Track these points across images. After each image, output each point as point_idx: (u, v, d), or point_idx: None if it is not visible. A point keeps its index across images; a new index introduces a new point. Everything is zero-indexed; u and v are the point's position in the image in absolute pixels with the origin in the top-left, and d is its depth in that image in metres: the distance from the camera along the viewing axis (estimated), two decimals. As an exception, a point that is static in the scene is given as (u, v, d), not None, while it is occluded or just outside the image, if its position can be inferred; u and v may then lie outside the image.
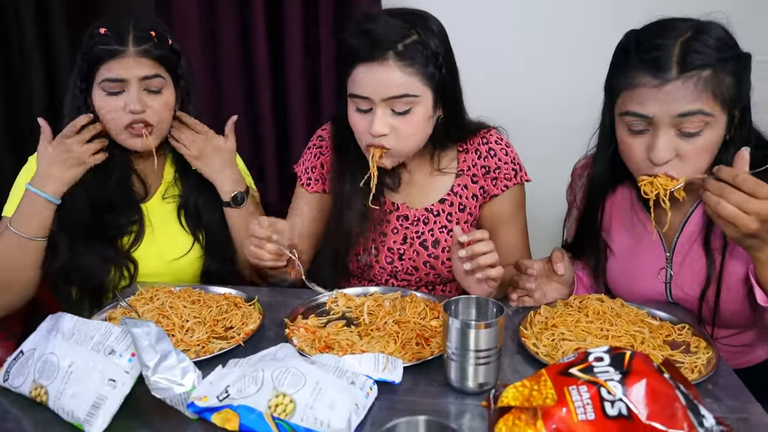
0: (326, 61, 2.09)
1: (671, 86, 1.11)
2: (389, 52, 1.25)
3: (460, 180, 1.47)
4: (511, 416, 0.85)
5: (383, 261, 1.49)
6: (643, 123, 1.15)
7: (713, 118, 1.12)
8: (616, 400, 0.82)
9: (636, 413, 0.81)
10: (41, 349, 1.00)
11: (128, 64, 1.37)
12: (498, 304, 1.04)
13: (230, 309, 1.26)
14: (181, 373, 0.94)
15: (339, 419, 0.88)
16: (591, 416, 0.82)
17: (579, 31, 2.03)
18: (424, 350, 1.12)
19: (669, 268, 1.30)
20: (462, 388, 1.01)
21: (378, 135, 1.29)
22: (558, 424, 0.82)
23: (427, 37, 1.28)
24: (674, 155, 1.15)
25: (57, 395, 0.94)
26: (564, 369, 0.88)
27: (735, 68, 1.13)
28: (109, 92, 1.39)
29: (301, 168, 1.56)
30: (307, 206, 1.54)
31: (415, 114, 1.30)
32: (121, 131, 1.41)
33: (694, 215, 1.28)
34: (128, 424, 0.94)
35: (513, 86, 2.06)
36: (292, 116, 2.14)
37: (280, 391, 0.91)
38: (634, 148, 1.18)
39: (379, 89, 1.26)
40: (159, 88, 1.41)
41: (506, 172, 1.46)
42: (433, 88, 1.30)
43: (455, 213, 1.47)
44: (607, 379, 0.84)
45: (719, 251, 1.24)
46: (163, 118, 1.43)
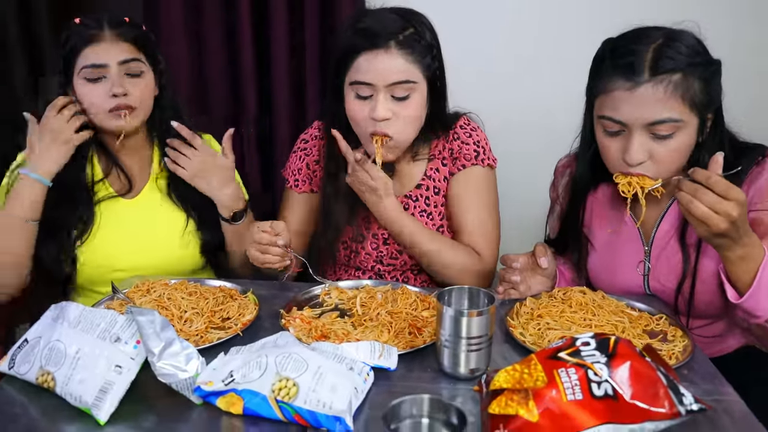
0: (311, 63, 2.12)
1: (643, 89, 1.18)
2: (391, 41, 1.34)
3: (432, 164, 1.54)
4: (504, 398, 0.90)
5: (369, 247, 1.55)
6: (618, 126, 1.22)
7: (683, 123, 1.20)
8: (602, 381, 0.88)
9: (621, 393, 0.87)
10: (47, 337, 1.03)
11: (106, 47, 1.40)
12: (489, 294, 1.10)
13: (226, 300, 1.29)
14: (185, 360, 0.98)
15: (340, 401, 0.92)
16: (579, 396, 0.87)
17: (566, 32, 2.08)
18: (417, 339, 1.17)
19: (647, 261, 1.37)
20: (454, 373, 1.06)
21: (381, 119, 1.36)
22: (548, 404, 0.87)
23: (423, 31, 1.38)
24: (647, 157, 1.22)
25: (65, 381, 0.97)
26: (553, 353, 0.93)
27: (704, 73, 1.20)
28: (90, 79, 1.41)
29: (288, 171, 1.63)
30: (297, 206, 1.61)
31: (413, 100, 1.38)
32: (104, 115, 1.43)
33: (670, 211, 1.35)
34: (134, 409, 0.97)
35: (499, 86, 2.11)
36: (277, 117, 2.17)
37: (284, 376, 0.95)
38: (610, 150, 1.26)
39: (383, 75, 1.34)
40: (139, 72, 1.44)
41: (466, 152, 1.51)
42: (428, 78, 1.40)
43: (431, 196, 1.54)
44: (593, 362, 0.89)
45: (694, 246, 1.31)
46: (144, 102, 1.46)
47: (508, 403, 0.89)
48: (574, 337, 0.96)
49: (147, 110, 1.49)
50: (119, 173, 1.54)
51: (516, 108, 2.01)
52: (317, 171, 1.58)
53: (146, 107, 1.48)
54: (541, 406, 0.87)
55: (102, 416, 0.93)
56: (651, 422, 0.87)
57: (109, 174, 1.54)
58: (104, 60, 1.40)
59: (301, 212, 1.61)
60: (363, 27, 1.37)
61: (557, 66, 2.09)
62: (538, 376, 0.90)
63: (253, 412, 0.94)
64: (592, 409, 0.87)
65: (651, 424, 0.87)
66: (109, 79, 1.41)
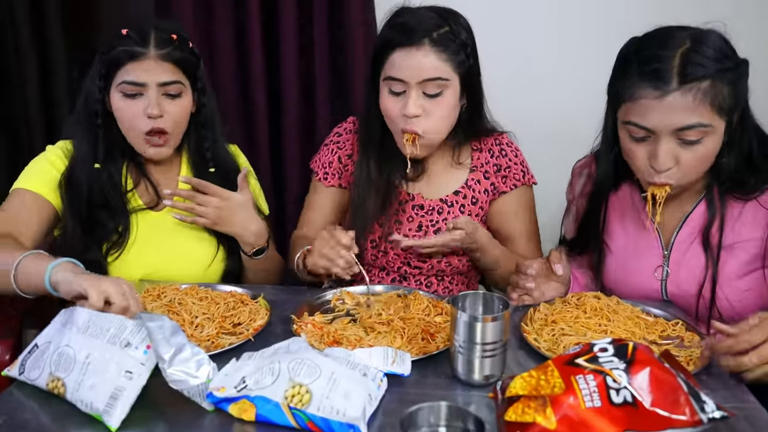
0: (320, 62, 2.12)
1: (671, 98, 1.16)
2: (425, 38, 1.35)
3: (473, 175, 1.56)
4: (520, 405, 0.88)
5: (398, 248, 1.53)
6: (645, 132, 1.20)
7: (712, 128, 1.18)
8: (621, 388, 0.86)
9: (640, 400, 0.85)
10: (56, 342, 1.02)
11: (148, 66, 1.37)
12: (503, 300, 1.08)
13: (237, 306, 1.28)
14: (196, 366, 0.97)
15: (354, 408, 0.91)
16: (597, 404, 0.85)
17: (584, 38, 2.09)
18: (430, 345, 1.15)
19: (666, 266, 1.35)
20: (468, 380, 1.05)
21: (412, 116, 1.37)
22: (566, 411, 0.85)
23: (458, 29, 1.39)
24: (675, 163, 1.21)
25: (75, 387, 0.96)
26: (570, 360, 0.92)
27: (733, 77, 1.18)
28: (127, 94, 1.39)
29: (317, 164, 1.62)
30: (323, 200, 1.61)
31: (445, 97, 1.39)
32: (139, 139, 1.42)
33: (692, 215, 1.33)
34: (144, 415, 0.96)
35: (519, 91, 2.11)
36: (287, 117, 2.17)
37: (297, 382, 0.93)
38: (637, 155, 1.24)
39: (416, 71, 1.36)
40: (178, 93, 1.42)
41: (515, 172, 1.56)
42: (461, 75, 1.40)
43: (468, 205, 1.55)
44: (612, 368, 0.88)
45: (715, 250, 1.29)
46: (179, 124, 1.45)
47: (525, 410, 0.88)
48: (591, 342, 0.94)
49: (181, 132, 1.47)
50: (147, 185, 1.53)
51: (532, 113, 2.01)
52: (349, 166, 1.58)
53: (180, 129, 1.47)
54: (558, 413, 0.85)
55: (113, 423, 0.92)
56: (672, 430, 0.85)
57: (138, 185, 1.52)
58: (144, 79, 1.38)
59: (327, 206, 1.61)
60: (400, 22, 1.39)
61: (576, 71, 2.09)
62: (555, 382, 0.89)
63: (266, 419, 0.93)
64: (611, 417, 0.85)
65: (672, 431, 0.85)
66: (147, 98, 1.39)
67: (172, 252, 1.51)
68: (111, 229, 1.46)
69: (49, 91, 2.15)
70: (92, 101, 1.42)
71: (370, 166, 1.50)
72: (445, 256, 1.53)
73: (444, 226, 1.52)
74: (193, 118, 1.51)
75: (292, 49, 2.10)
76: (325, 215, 1.60)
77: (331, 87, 2.15)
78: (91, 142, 1.44)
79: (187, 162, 1.57)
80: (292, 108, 2.15)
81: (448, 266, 1.54)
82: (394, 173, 1.52)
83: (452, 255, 1.53)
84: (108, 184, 1.45)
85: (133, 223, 1.48)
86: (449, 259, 1.53)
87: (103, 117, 1.43)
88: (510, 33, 2.11)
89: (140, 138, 1.42)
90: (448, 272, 1.56)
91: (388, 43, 1.39)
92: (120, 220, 1.46)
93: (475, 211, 1.55)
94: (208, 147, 1.53)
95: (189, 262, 1.52)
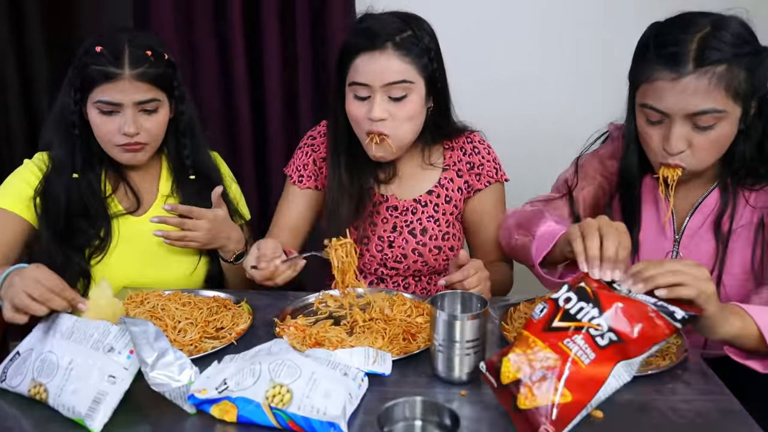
0: (303, 74, 2.14)
1: (686, 80, 1.17)
2: (388, 42, 1.37)
3: (446, 174, 1.57)
4: (527, 390, 0.89)
5: (373, 249, 1.55)
6: (660, 115, 1.22)
7: (726, 114, 1.19)
8: (604, 332, 0.91)
9: (625, 335, 0.91)
10: (39, 349, 1.02)
11: (123, 87, 1.37)
12: (482, 298, 1.10)
13: (220, 310, 1.29)
14: (179, 370, 0.97)
15: (334, 407, 0.92)
16: (592, 356, 0.91)
17: (559, 45, 2.13)
18: (411, 345, 1.17)
19: (676, 250, 1.37)
20: (449, 378, 1.06)
21: (377, 119, 1.38)
22: (573, 378, 0.89)
23: (421, 34, 1.40)
24: (687, 146, 1.22)
25: (57, 392, 0.96)
26: (546, 325, 0.94)
27: (750, 63, 1.18)
28: (104, 112, 1.39)
29: (292, 167, 1.63)
30: (297, 202, 1.61)
31: (410, 101, 1.40)
32: (113, 148, 1.43)
33: (706, 201, 1.34)
34: (128, 419, 0.97)
35: (498, 95, 2.15)
36: (270, 127, 2.18)
37: (277, 382, 0.94)
38: (652, 138, 1.25)
39: (379, 75, 1.37)
40: (154, 109, 1.42)
41: (489, 169, 1.57)
42: (426, 78, 1.41)
43: (442, 204, 1.56)
44: (589, 318, 0.92)
45: (725, 238, 1.30)
46: (157, 136, 1.46)
47: (534, 394, 0.89)
48: (551, 297, 0.97)
49: (159, 141, 1.48)
50: (127, 190, 1.53)
51: (506, 117, 2.04)
52: (323, 168, 1.59)
53: (158, 139, 1.47)
54: (568, 383, 0.89)
55: (95, 426, 0.93)
56: (656, 345, 0.92)
57: (117, 190, 1.53)
58: (119, 99, 1.37)
59: (301, 209, 1.61)
60: (363, 27, 1.41)
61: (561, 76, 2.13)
62: (546, 354, 0.90)
63: (247, 419, 0.94)
64: (605, 359, 0.91)
65: (656, 346, 0.92)
66: (123, 116, 1.39)
67: (154, 256, 1.51)
68: (92, 234, 1.46)
69: (30, 97, 2.15)
70: (68, 112, 1.43)
71: (341, 173, 1.51)
72: (422, 256, 1.55)
73: (418, 226, 1.54)
74: (171, 124, 1.51)
75: (275, 61, 2.12)
76: (297, 216, 1.60)
77: (313, 99, 2.17)
78: (68, 152, 1.45)
79: (167, 167, 1.58)
80: (275, 118, 2.17)
81: (424, 266, 1.56)
82: (366, 178, 1.53)
83: (429, 254, 1.55)
84: (87, 192, 1.45)
85: (114, 228, 1.49)
86: (425, 258, 1.55)
87: (80, 127, 1.43)
88: (478, 38, 2.15)
89: (113, 147, 1.43)
90: (425, 272, 1.58)
91: (351, 49, 1.40)
92: (101, 224, 1.47)
93: (449, 210, 1.57)
94: (188, 154, 1.54)
95: (172, 266, 1.53)
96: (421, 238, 1.54)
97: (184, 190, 1.55)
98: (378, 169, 1.54)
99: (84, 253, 1.46)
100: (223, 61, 2.15)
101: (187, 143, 1.54)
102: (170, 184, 1.57)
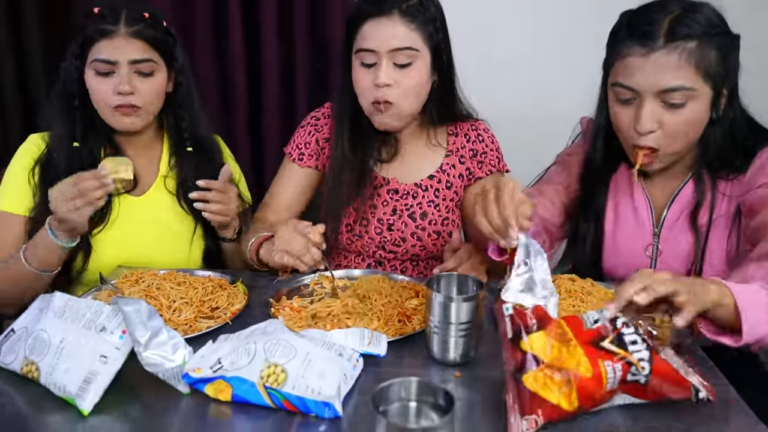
0: (300, 50, 2.12)
1: (657, 55, 1.18)
2: (395, 9, 1.38)
3: (449, 159, 1.57)
4: (542, 374, 0.88)
5: (372, 232, 1.55)
6: (631, 93, 1.22)
7: (696, 92, 1.19)
8: (640, 375, 0.89)
9: (653, 383, 0.90)
10: (32, 327, 1.01)
11: (119, 44, 1.38)
12: (477, 281, 1.09)
13: (216, 290, 1.28)
14: (172, 349, 0.97)
15: (329, 387, 0.92)
16: (615, 385, 0.90)
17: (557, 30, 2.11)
18: (406, 326, 1.16)
19: (656, 244, 1.37)
20: (444, 359, 1.06)
21: (383, 84, 1.39)
22: (590, 394, 0.89)
23: (428, 3, 1.42)
24: (658, 126, 1.22)
25: (49, 371, 0.96)
26: (595, 340, 0.91)
27: (721, 44, 1.19)
28: (100, 72, 1.40)
29: (292, 145, 1.61)
30: (295, 181, 1.60)
31: (415, 68, 1.41)
32: (109, 111, 1.42)
33: (683, 191, 1.34)
34: (120, 399, 0.96)
35: (496, 78, 2.13)
36: (267, 106, 2.17)
37: (272, 362, 0.94)
38: (622, 118, 1.26)
39: (386, 41, 1.38)
40: (150, 71, 1.42)
41: (491, 158, 1.57)
42: (431, 48, 1.42)
43: (442, 189, 1.55)
44: (638, 358, 0.90)
45: (704, 228, 1.30)
46: (151, 101, 1.45)
47: (548, 384, 0.87)
48: (615, 317, 0.93)
49: (154, 110, 1.48)
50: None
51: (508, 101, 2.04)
52: (326, 149, 1.58)
53: (154, 107, 1.47)
54: (581, 396, 0.88)
55: (85, 406, 0.92)
56: (663, 398, 0.92)
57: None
58: (115, 57, 1.38)
59: (298, 188, 1.60)
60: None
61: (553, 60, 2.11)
62: (580, 360, 0.89)
63: (242, 398, 0.93)
64: (621, 389, 0.91)
65: (663, 399, 0.92)
66: (118, 76, 1.39)
67: (151, 236, 1.51)
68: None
69: (26, 80, 2.13)
70: (69, 82, 1.43)
71: (344, 145, 1.51)
72: (421, 240, 1.54)
73: (418, 210, 1.54)
74: (170, 97, 1.51)
75: (272, 36, 2.10)
76: (294, 195, 1.59)
77: (310, 76, 2.15)
78: (69, 123, 1.45)
79: (168, 142, 1.57)
80: (271, 95, 2.15)
81: (422, 250, 1.55)
82: (369, 152, 1.53)
83: (427, 239, 1.54)
84: (88, 161, 1.45)
85: (114, 205, 1.48)
86: (424, 242, 1.54)
87: (80, 97, 1.44)
88: (484, 19, 2.14)
89: (110, 110, 1.42)
90: (423, 257, 1.57)
91: (359, 15, 1.41)
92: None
93: (449, 196, 1.56)
94: (186, 127, 1.53)
95: (171, 243, 1.52)
96: (421, 222, 1.53)
97: (182, 165, 1.54)
98: (381, 145, 1.53)
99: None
100: (219, 39, 2.12)
101: (185, 116, 1.53)
102: (169, 160, 1.56)
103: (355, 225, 1.55)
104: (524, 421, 0.86)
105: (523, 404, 0.87)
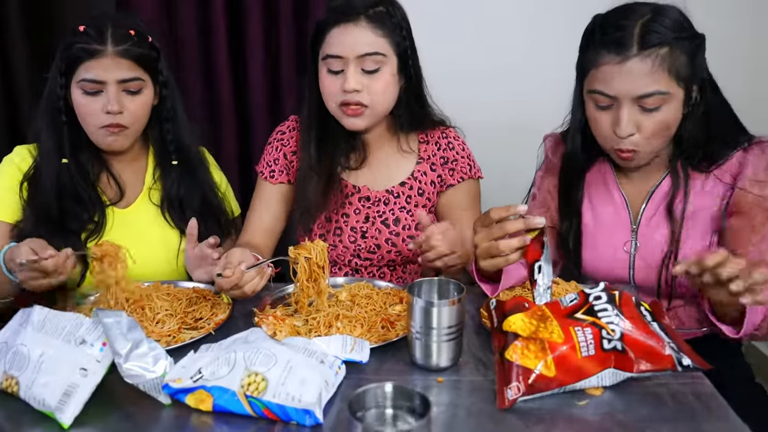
0: (286, 62, 2.13)
1: (631, 63, 1.21)
2: (361, 15, 1.39)
3: (420, 167, 1.57)
4: (519, 346, 0.96)
5: (346, 240, 1.55)
6: (609, 100, 1.25)
7: (670, 95, 1.23)
8: (613, 339, 0.96)
9: (631, 348, 0.97)
10: (12, 342, 1.01)
11: (106, 64, 1.38)
12: (458, 284, 1.09)
13: (199, 301, 1.28)
14: (153, 360, 0.96)
15: (310, 394, 0.91)
16: (592, 352, 0.96)
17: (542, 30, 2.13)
18: (389, 333, 1.16)
19: (634, 239, 1.39)
20: (426, 365, 1.06)
21: (351, 90, 1.40)
22: (564, 359, 0.95)
23: (393, 11, 1.44)
24: (636, 129, 1.25)
25: (28, 385, 0.95)
26: (570, 314, 0.99)
27: (690, 47, 1.23)
28: (87, 92, 1.40)
29: (262, 164, 1.62)
30: (271, 199, 1.60)
31: (383, 73, 1.42)
32: (96, 130, 1.43)
33: (660, 188, 1.37)
34: (101, 411, 0.96)
35: (473, 86, 2.15)
36: (254, 117, 2.17)
37: (252, 370, 0.94)
38: (601, 123, 1.29)
39: (353, 46, 1.39)
40: (138, 89, 1.42)
41: (462, 166, 1.57)
42: (398, 54, 1.44)
43: (414, 196, 1.56)
44: (607, 322, 0.97)
45: (679, 221, 1.33)
46: (139, 119, 1.45)
47: (525, 353, 0.95)
48: (586, 292, 1.01)
49: (141, 126, 1.48)
50: (110, 181, 1.53)
51: (483, 109, 2.06)
52: (294, 162, 1.58)
53: (141, 123, 1.47)
54: (557, 361, 0.95)
55: (66, 420, 0.92)
56: (650, 372, 0.97)
57: (100, 181, 1.52)
58: (103, 77, 1.38)
59: (275, 206, 1.60)
60: (337, 4, 1.43)
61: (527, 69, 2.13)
62: (553, 329, 0.96)
63: (223, 408, 0.93)
64: (600, 360, 0.96)
65: (649, 373, 0.97)
66: (106, 95, 1.39)
67: (138, 248, 1.49)
68: (86, 219, 1.46)
69: (11, 89, 2.13)
70: (55, 98, 1.43)
71: (311, 153, 1.51)
72: (396, 246, 1.54)
73: (391, 216, 1.53)
74: (155, 110, 1.51)
75: (259, 49, 2.11)
76: (272, 217, 1.59)
77: (297, 86, 2.16)
78: (57, 138, 1.45)
79: (153, 156, 1.58)
80: (258, 107, 2.16)
81: (398, 255, 1.55)
82: (336, 161, 1.53)
83: (402, 244, 1.54)
84: (78, 176, 1.45)
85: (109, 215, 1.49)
86: (399, 248, 1.54)
87: (67, 112, 1.44)
88: (457, 28, 2.16)
89: (97, 128, 1.42)
90: (399, 261, 1.57)
91: (326, 22, 1.42)
92: (95, 207, 1.47)
93: (422, 202, 1.56)
94: (171, 139, 1.53)
95: (156, 254, 1.52)
96: (394, 228, 1.53)
97: (167, 178, 1.54)
98: (350, 151, 1.54)
99: (80, 237, 1.45)
100: (205, 48, 2.13)
101: (170, 128, 1.53)
102: (153, 172, 1.56)
103: (328, 235, 1.55)
104: (508, 390, 0.94)
105: (507, 376, 0.95)
